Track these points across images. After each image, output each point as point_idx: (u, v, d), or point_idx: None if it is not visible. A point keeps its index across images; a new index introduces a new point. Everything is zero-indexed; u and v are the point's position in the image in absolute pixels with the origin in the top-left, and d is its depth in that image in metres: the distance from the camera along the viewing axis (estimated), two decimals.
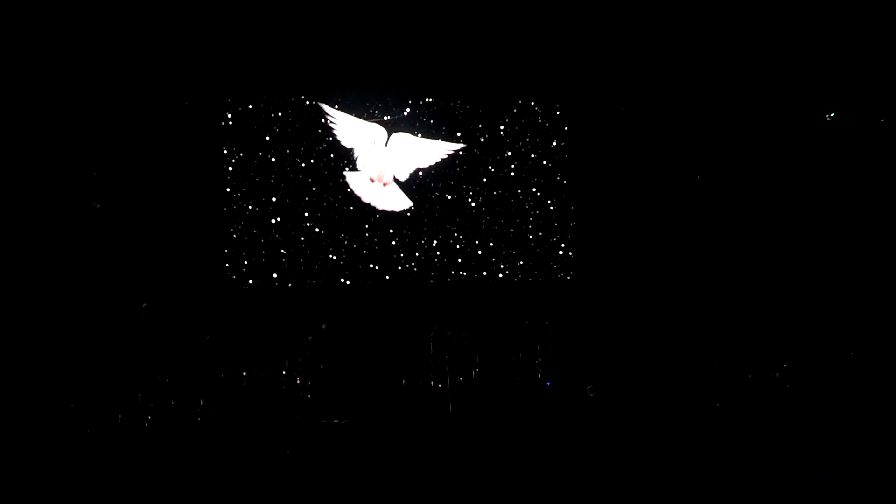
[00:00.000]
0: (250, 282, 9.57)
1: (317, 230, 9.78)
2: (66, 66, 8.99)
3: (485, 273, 10.13)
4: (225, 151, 9.60)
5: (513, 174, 10.31)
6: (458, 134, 10.19)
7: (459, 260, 10.09)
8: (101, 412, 8.06)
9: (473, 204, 10.18)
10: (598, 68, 10.31)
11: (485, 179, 10.24)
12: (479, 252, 10.14)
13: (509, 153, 10.32)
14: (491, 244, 10.18)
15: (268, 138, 9.71)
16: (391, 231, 9.94)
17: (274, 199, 9.67)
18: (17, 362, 8.37)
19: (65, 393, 8.11)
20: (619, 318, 9.81)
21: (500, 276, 10.15)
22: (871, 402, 7.66)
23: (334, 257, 9.81)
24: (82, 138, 9.09)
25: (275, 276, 9.63)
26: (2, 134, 8.76)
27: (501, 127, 10.34)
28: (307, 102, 9.83)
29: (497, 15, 9.65)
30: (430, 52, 9.95)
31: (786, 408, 7.85)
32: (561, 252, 10.30)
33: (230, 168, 9.59)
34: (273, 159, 9.71)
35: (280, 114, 9.78)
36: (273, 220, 9.66)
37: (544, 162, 10.39)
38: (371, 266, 9.88)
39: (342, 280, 9.80)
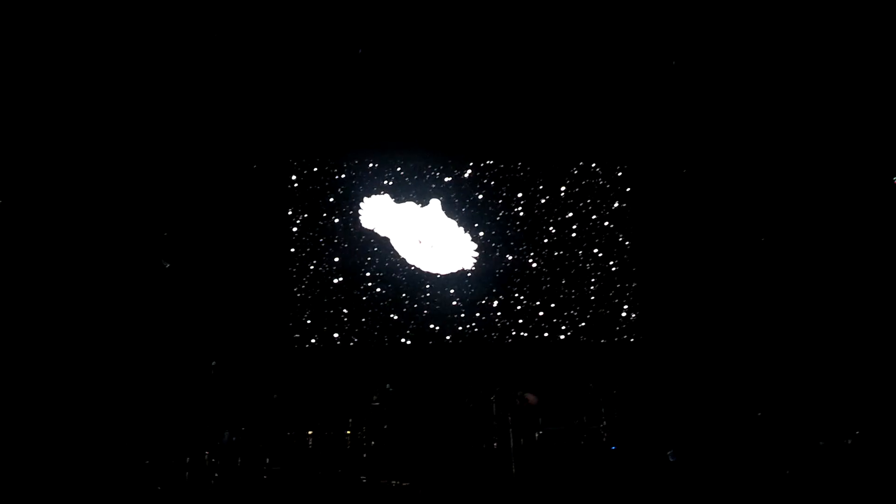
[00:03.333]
0: (313, 341, 10.06)
1: (378, 290, 10.26)
2: (143, 127, 9.73)
3: (546, 334, 10.46)
4: (290, 213, 10.20)
5: (574, 235, 10.71)
6: (520, 195, 10.67)
7: (521, 321, 10.44)
8: (170, 469, 8.55)
9: (535, 265, 10.59)
10: (660, 129, 10.77)
11: (546, 240, 10.65)
12: (541, 313, 10.49)
13: (570, 214, 10.73)
14: (552, 305, 10.52)
15: (331, 199, 10.31)
16: (451, 291, 10.38)
17: (337, 260, 10.24)
18: (93, 423, 8.93)
19: (138, 449, 8.63)
20: (684, 381, 10.06)
21: (562, 337, 10.47)
22: None
23: (395, 317, 10.26)
24: (155, 199, 9.77)
25: (336, 336, 10.12)
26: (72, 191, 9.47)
27: (563, 188, 10.77)
28: (370, 165, 10.44)
29: (560, 76, 10.23)
30: (492, 112, 10.49)
31: (857, 477, 8.03)
32: (624, 314, 10.62)
33: (294, 229, 10.19)
34: (336, 220, 10.29)
35: (343, 175, 10.38)
36: (335, 280, 10.21)
37: (606, 223, 10.78)
38: (432, 326, 10.32)
39: (403, 340, 10.25)
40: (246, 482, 8.60)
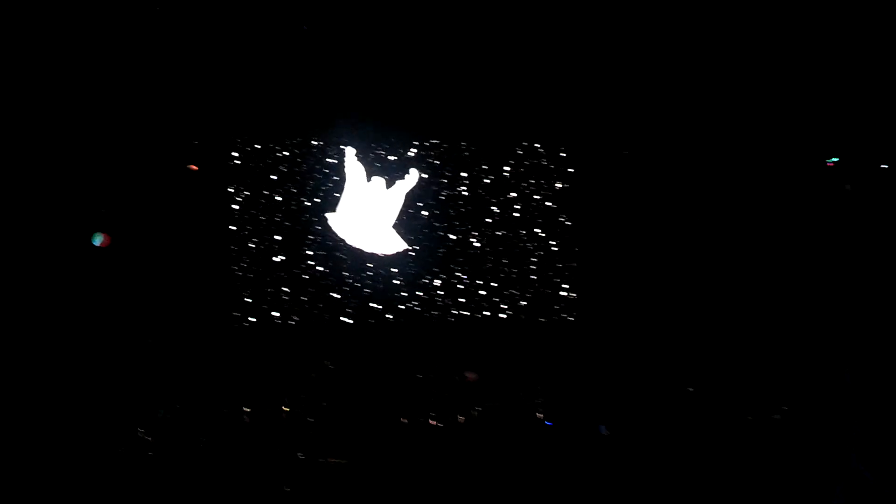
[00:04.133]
0: (252, 319, 10.11)
1: (319, 268, 10.34)
2: (84, 99, 9.69)
3: (487, 313, 10.63)
4: (231, 190, 10.23)
5: (516, 215, 10.85)
6: (464, 174, 10.79)
7: (462, 299, 10.60)
8: (103, 444, 8.56)
9: (477, 245, 10.72)
10: (602, 111, 10.87)
11: (489, 220, 10.78)
12: (482, 292, 10.65)
13: (514, 194, 10.87)
14: (494, 284, 10.69)
15: (274, 177, 10.35)
16: (394, 270, 10.48)
17: (278, 238, 10.29)
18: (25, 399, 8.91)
19: (71, 425, 8.63)
20: (621, 360, 10.25)
21: (503, 315, 10.64)
22: None
23: (337, 296, 10.35)
24: (95, 174, 9.73)
25: (275, 314, 10.17)
26: None
27: (507, 168, 10.91)
28: (312, 142, 10.48)
29: (504, 55, 10.30)
30: (438, 91, 10.54)
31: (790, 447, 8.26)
32: (564, 293, 10.80)
33: (235, 206, 10.21)
34: (278, 198, 10.33)
35: (286, 153, 10.41)
36: (276, 259, 10.26)
37: (548, 203, 10.93)
38: (373, 305, 10.41)
39: (344, 319, 10.34)
40: (180, 459, 8.64)
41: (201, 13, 9.51)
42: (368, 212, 10.39)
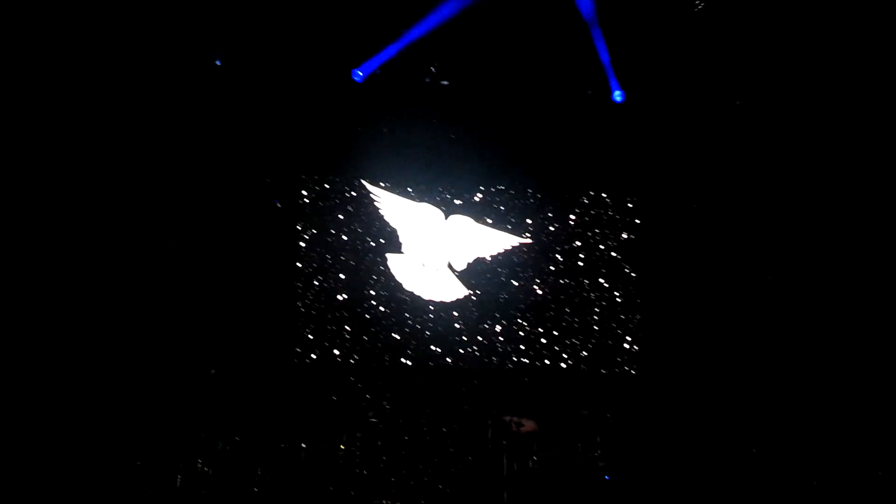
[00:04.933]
0: (313, 356, 10.27)
1: (381, 309, 10.49)
2: (160, 136, 10.10)
3: (547, 361, 10.61)
4: (298, 228, 10.50)
5: (580, 264, 10.87)
6: (529, 221, 10.87)
7: (522, 347, 10.60)
8: (163, 475, 8.77)
9: (539, 292, 10.74)
10: (672, 163, 10.98)
11: (552, 268, 10.81)
12: (543, 340, 10.64)
13: (578, 243, 10.91)
14: (555, 333, 10.68)
15: (341, 216, 10.60)
16: (455, 314, 10.56)
17: (342, 277, 10.49)
18: (90, 427, 9.18)
19: (132, 454, 8.88)
20: (681, 415, 10.14)
21: (563, 365, 10.60)
22: None
23: (397, 336, 10.46)
24: (167, 208, 10.10)
25: (336, 352, 10.33)
26: None
27: (572, 217, 10.95)
28: (381, 183, 10.71)
29: (574, 106, 10.58)
30: (506, 139, 10.85)
31: None
32: (626, 345, 10.74)
33: (302, 244, 10.46)
34: (344, 238, 10.56)
35: (354, 193, 10.65)
36: (340, 297, 10.46)
37: (613, 254, 10.93)
38: (433, 348, 10.50)
39: (404, 360, 10.43)
40: (237, 492, 8.84)
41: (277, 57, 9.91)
42: (432, 255, 10.52)
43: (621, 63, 9.79)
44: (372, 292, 10.51)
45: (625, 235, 11.00)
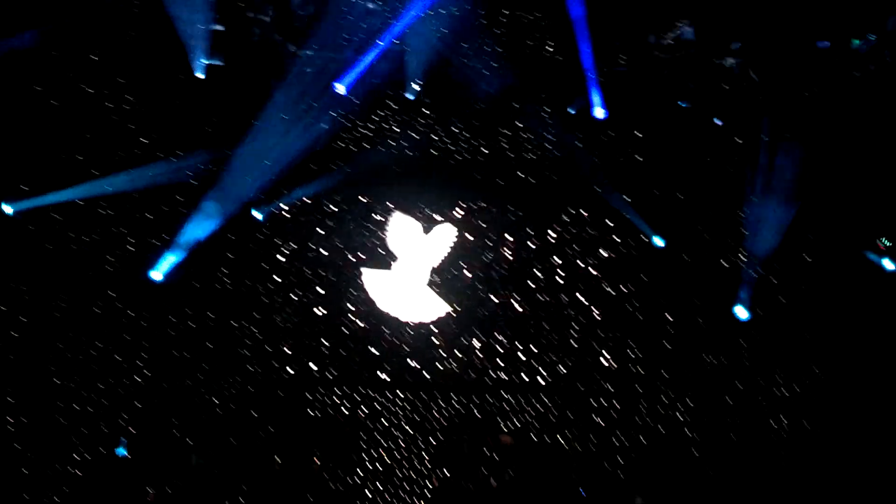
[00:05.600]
0: (290, 371, 10.31)
1: (360, 324, 10.52)
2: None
3: (525, 377, 10.61)
4: (278, 242, 10.61)
5: (560, 281, 10.88)
6: (509, 238, 10.90)
7: (501, 362, 10.61)
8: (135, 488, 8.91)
9: (518, 308, 10.77)
10: (652, 178, 10.98)
11: (531, 284, 10.82)
12: (521, 356, 10.65)
13: (558, 260, 10.91)
14: (533, 348, 10.68)
15: (321, 231, 10.69)
16: (434, 329, 10.58)
17: (321, 291, 10.54)
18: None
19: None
20: (662, 432, 10.22)
21: (542, 381, 10.60)
22: None
23: (376, 352, 10.50)
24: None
25: (314, 366, 10.35)
26: None
27: (551, 234, 10.95)
28: (360, 198, 10.77)
29: (557, 123, 10.58)
30: (486, 154, 10.89)
31: None
32: (604, 361, 10.72)
33: (281, 258, 10.54)
34: (325, 252, 10.64)
35: (334, 208, 10.73)
36: (318, 311, 10.50)
37: (592, 271, 10.93)
38: (410, 362, 10.52)
39: (381, 375, 10.45)
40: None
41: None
42: (411, 270, 10.53)
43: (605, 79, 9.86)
44: (350, 307, 10.56)
45: (604, 253, 11.01)
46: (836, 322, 10.31)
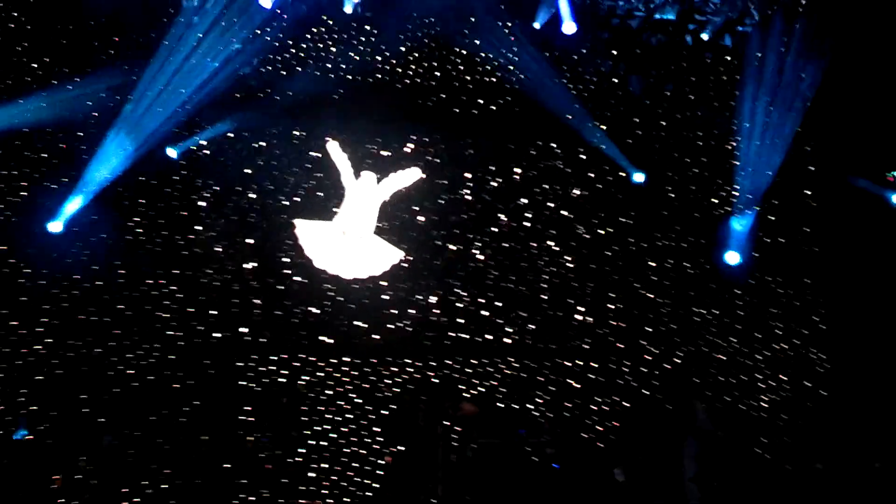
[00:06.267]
0: (217, 335, 9.16)
1: (297, 278, 9.41)
2: None
3: (489, 336, 9.66)
4: (198, 183, 9.48)
5: (527, 225, 9.96)
6: (468, 176, 9.93)
7: (461, 320, 9.66)
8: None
9: (480, 257, 9.82)
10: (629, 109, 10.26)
11: (494, 229, 9.91)
12: (485, 312, 9.70)
13: (524, 200, 9.99)
14: (498, 303, 9.74)
15: (248, 171, 9.59)
16: (383, 283, 9.47)
17: (250, 242, 9.42)
18: None
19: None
20: (636, 392, 9.60)
21: (508, 340, 9.68)
22: None
23: (316, 311, 9.39)
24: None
25: (244, 330, 9.24)
26: None
27: (517, 170, 10.03)
28: (294, 132, 9.77)
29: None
30: (441, 81, 10.10)
31: None
32: (578, 317, 9.81)
33: (203, 203, 9.41)
34: (252, 195, 9.54)
35: (263, 143, 9.69)
36: (247, 266, 9.37)
37: (563, 212, 10.02)
38: (356, 323, 9.45)
39: (324, 338, 9.37)
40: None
41: None
42: (356, 215, 9.20)
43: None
44: (285, 259, 9.44)
45: (576, 192, 10.12)
46: (840, 266, 9.78)
